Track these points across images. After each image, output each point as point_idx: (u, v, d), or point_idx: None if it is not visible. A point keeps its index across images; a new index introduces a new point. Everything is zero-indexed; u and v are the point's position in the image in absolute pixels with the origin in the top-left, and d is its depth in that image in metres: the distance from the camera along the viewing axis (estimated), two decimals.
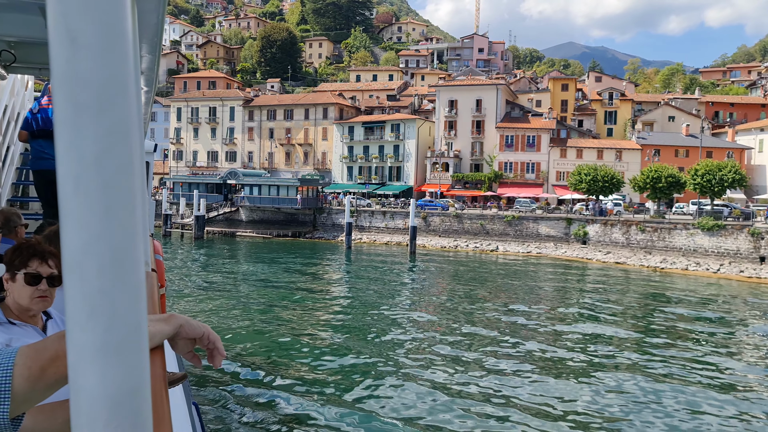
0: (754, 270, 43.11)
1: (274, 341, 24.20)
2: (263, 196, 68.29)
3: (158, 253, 6.11)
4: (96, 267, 0.74)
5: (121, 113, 0.72)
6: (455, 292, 37.48)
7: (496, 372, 19.89)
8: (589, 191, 56.84)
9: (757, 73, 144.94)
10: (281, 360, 21.32)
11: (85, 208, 0.71)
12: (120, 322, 0.76)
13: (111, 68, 0.71)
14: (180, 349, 1.79)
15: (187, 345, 1.78)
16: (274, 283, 39.89)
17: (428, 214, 63.52)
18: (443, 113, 80.00)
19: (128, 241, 0.75)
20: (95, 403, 0.75)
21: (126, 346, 0.77)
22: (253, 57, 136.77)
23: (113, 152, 0.72)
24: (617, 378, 19.83)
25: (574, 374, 19.95)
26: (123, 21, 0.71)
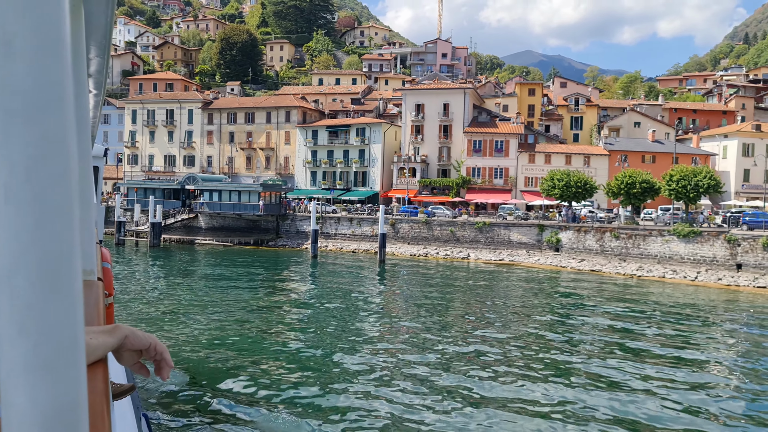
0: (732, 278, 42.25)
1: (232, 353, 22.99)
2: (224, 202, 65.18)
3: (106, 261, 5.72)
4: (27, 280, 0.71)
5: (57, 119, 0.70)
6: (425, 303, 35.48)
7: (466, 391, 18.89)
8: (561, 197, 55.62)
9: (712, 82, 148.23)
10: (238, 372, 20.49)
11: (16, 218, 0.70)
12: (53, 337, 0.73)
13: (46, 73, 0.69)
14: (125, 361, 1.75)
15: (132, 357, 1.74)
16: (235, 294, 37.25)
17: (397, 220, 61.45)
18: (410, 117, 78.19)
19: (63, 252, 0.73)
20: (26, 422, 0.73)
21: (59, 362, 0.74)
22: (212, 59, 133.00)
23: (47, 160, 0.70)
24: (591, 392, 18.92)
25: (545, 391, 18.97)
26: (61, 24, 0.69)
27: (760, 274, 42.00)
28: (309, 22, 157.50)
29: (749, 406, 18.37)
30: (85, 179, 3.32)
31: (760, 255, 42.57)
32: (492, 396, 18.38)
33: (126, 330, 1.72)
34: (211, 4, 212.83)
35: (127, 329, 1.72)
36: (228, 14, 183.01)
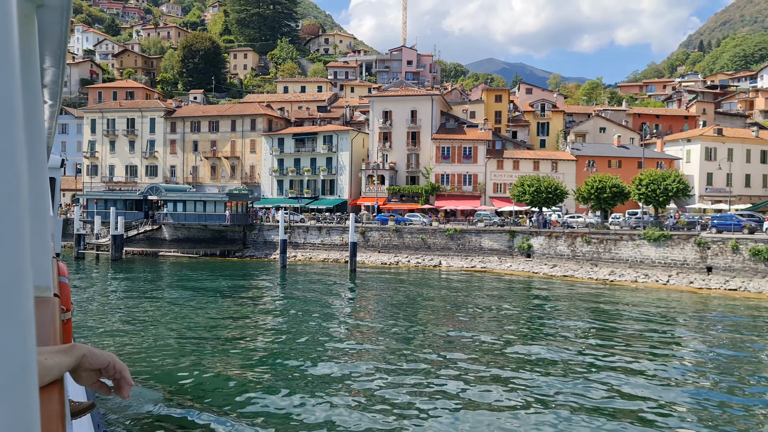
0: (703, 281, 42.39)
1: (198, 367, 22.26)
2: (188, 213, 63.39)
3: (63, 275, 5.61)
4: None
5: (3, 131, 0.67)
6: (397, 313, 34.72)
7: (438, 400, 18.60)
8: (532, 203, 55.45)
9: (671, 88, 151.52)
10: (205, 385, 19.96)
11: None
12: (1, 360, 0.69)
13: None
14: (84, 381, 1.73)
15: (91, 376, 1.73)
16: (201, 307, 35.90)
17: (367, 228, 60.53)
18: (377, 124, 77.50)
19: (12, 269, 0.69)
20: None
21: (9, 386, 0.69)
22: (174, 67, 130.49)
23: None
24: (560, 397, 18.95)
25: (513, 398, 18.89)
26: (8, 33, 0.66)
27: (730, 277, 42.23)
28: (273, 29, 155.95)
29: (715, 409, 18.28)
30: (39, 191, 3.09)
31: (729, 258, 42.84)
32: (461, 401, 18.53)
33: (83, 349, 1.67)
34: (172, 12, 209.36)
35: (85, 348, 1.68)
36: (189, 22, 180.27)
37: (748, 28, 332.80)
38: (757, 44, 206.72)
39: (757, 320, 32.59)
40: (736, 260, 42.58)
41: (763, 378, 22.08)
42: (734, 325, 31.46)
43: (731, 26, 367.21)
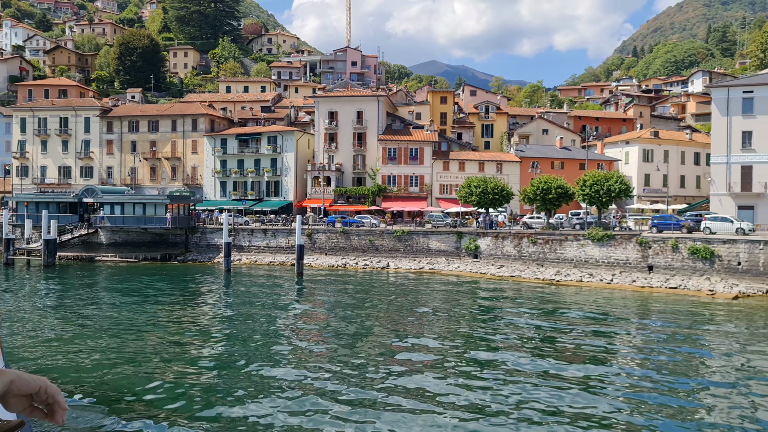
0: (645, 279, 43.34)
1: (138, 378, 21.53)
2: (127, 216, 60.98)
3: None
4: None
5: None
6: (345, 316, 34.27)
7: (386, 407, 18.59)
8: (479, 204, 55.69)
9: (608, 91, 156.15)
10: (144, 396, 19.37)
11: None
12: None
13: None
14: (13, 407, 1.65)
15: (21, 402, 1.64)
16: (140, 314, 34.45)
17: (313, 231, 59.57)
18: (323, 125, 76.57)
19: None
20: None
21: None
22: (110, 65, 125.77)
23: None
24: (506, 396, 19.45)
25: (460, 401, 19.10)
26: None
27: (670, 275, 43.36)
28: (214, 28, 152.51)
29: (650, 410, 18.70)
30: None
31: (669, 256, 43.98)
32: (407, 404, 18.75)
33: (11, 375, 1.58)
34: (108, 8, 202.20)
35: (13, 373, 1.59)
36: (126, 18, 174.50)
37: (678, 35, 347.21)
38: (686, 51, 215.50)
39: (695, 319, 33.43)
40: (675, 259, 43.75)
41: (698, 378, 22.56)
42: (672, 324, 32.17)
43: (662, 33, 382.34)
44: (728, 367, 23.91)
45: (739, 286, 39.74)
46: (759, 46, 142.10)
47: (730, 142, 51.37)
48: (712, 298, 38.62)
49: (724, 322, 32.05)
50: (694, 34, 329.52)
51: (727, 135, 51.50)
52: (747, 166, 51.02)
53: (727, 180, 51.65)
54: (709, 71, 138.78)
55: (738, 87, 51.47)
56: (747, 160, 50.92)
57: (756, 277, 40.38)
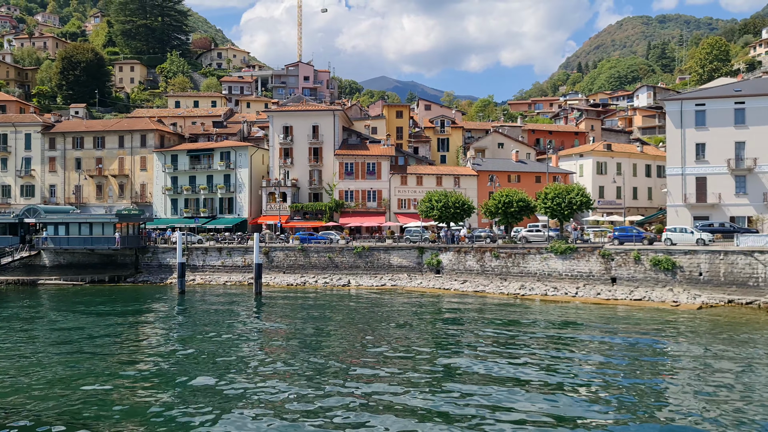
0: (609, 291, 43.27)
1: (82, 412, 19.98)
2: (72, 236, 57.86)
3: None
4: None
5: None
6: (306, 337, 33.16)
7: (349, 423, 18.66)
8: (440, 218, 54.99)
9: (557, 106, 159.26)
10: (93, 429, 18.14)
11: None
12: None
13: None
14: None
15: None
16: (87, 340, 32.29)
17: (270, 248, 57.75)
18: (278, 140, 74.92)
19: None
20: None
21: None
22: (53, 80, 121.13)
23: None
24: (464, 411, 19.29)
25: None
26: None
27: (634, 287, 43.40)
28: (162, 42, 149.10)
29: None
30: None
31: (632, 268, 44.07)
32: None
33: None
34: (48, 21, 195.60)
35: None
36: (69, 32, 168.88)
37: (619, 51, 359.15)
38: (629, 66, 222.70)
39: (661, 329, 33.27)
40: (638, 270, 43.85)
41: (666, 382, 22.43)
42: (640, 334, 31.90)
43: (604, 50, 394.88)
44: (695, 372, 23.83)
45: (701, 297, 39.99)
46: (698, 62, 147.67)
47: (685, 153, 52.24)
48: (677, 309, 38.69)
49: (690, 332, 31.96)
50: (634, 50, 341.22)
51: (682, 147, 52.36)
52: (701, 177, 51.91)
53: (683, 191, 52.41)
54: (653, 86, 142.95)
55: (691, 100, 52.47)
56: (701, 172, 51.81)
57: (717, 287, 40.74)
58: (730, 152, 51.20)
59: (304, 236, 60.53)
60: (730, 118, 51.20)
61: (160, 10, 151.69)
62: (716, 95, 52.40)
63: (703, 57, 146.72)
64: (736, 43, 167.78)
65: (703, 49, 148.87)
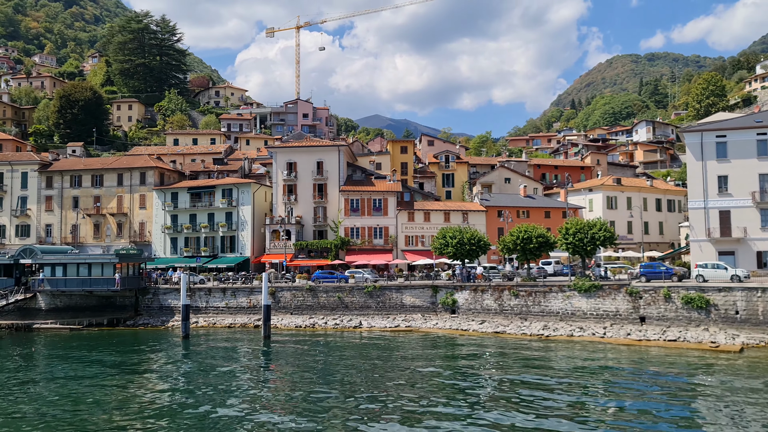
0: (640, 332, 40.98)
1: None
2: (70, 278, 55.34)
3: None
4: None
5: None
6: (324, 384, 30.61)
7: None
8: (455, 255, 52.88)
9: (556, 141, 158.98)
10: None
11: None
12: None
13: None
14: None
15: None
16: (85, 393, 29.77)
17: (277, 288, 55.34)
18: (281, 176, 73.14)
19: None
20: None
21: None
22: (50, 118, 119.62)
23: None
24: None
25: None
26: None
27: (665, 326, 41.18)
28: (159, 81, 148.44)
29: None
30: None
31: (662, 306, 41.91)
32: None
33: None
34: (46, 62, 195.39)
35: None
36: (66, 72, 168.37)
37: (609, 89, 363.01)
38: (623, 103, 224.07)
39: (706, 373, 31.02)
40: (669, 309, 41.69)
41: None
42: (685, 379, 29.64)
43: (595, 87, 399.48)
44: None
45: (740, 337, 37.78)
46: (695, 97, 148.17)
47: (707, 186, 50.61)
48: (716, 350, 36.44)
49: (740, 376, 29.72)
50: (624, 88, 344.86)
51: (703, 180, 50.77)
52: (725, 211, 50.19)
53: (706, 225, 50.63)
54: (652, 121, 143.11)
55: (711, 131, 51.10)
56: (725, 205, 50.14)
57: (756, 326, 38.56)
58: (754, 185, 49.61)
59: (323, 275, 57.90)
60: (753, 149, 49.78)
61: (158, 49, 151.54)
62: (737, 126, 51.07)
63: (700, 92, 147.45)
64: (730, 79, 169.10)
65: (699, 85, 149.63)
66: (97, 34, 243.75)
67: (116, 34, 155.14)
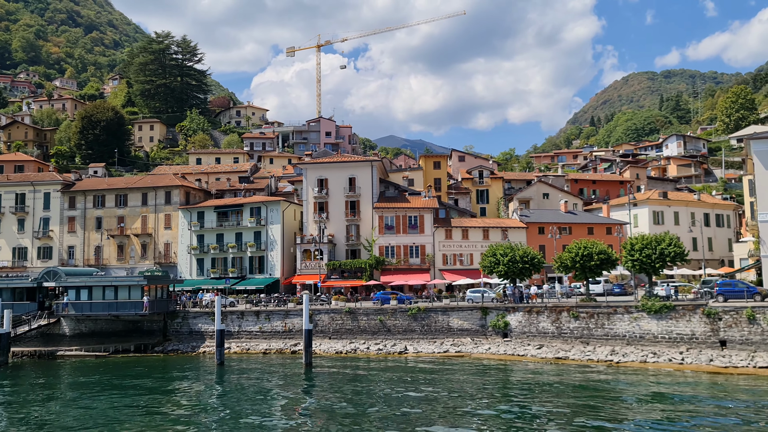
0: (723, 357, 37.00)
1: None
2: (95, 302, 52.31)
3: None
4: None
5: None
6: (383, 422, 26.76)
7: None
8: (506, 274, 49.25)
9: (583, 157, 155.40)
10: None
11: None
12: None
13: None
14: None
15: None
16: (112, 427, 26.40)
17: (314, 311, 51.96)
18: (312, 194, 70.14)
19: None
20: None
21: None
22: (72, 139, 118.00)
23: None
24: None
25: None
26: None
27: (750, 351, 37.21)
28: (180, 102, 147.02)
29: None
30: None
31: (745, 329, 37.96)
32: None
33: None
34: (66, 86, 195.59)
35: None
36: (87, 94, 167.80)
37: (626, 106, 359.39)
38: (646, 119, 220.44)
39: None
40: (753, 332, 37.72)
41: None
42: None
43: (611, 105, 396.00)
44: None
45: None
46: (724, 111, 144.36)
47: None
48: None
49: None
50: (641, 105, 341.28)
51: None
52: None
53: None
54: (683, 135, 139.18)
55: None
56: None
57: None
58: None
59: (386, 296, 54.45)
60: None
61: (179, 70, 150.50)
62: None
63: (729, 106, 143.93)
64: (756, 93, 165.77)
65: (728, 98, 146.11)
66: (116, 59, 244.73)
67: (137, 55, 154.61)
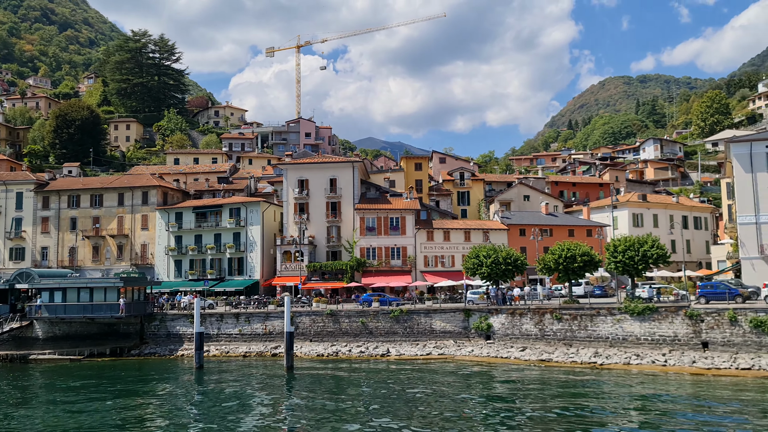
0: (706, 359, 37.07)
1: None
2: (70, 304, 50.99)
3: None
4: None
5: None
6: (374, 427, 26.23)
7: None
8: (490, 276, 49.02)
9: (561, 160, 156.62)
10: None
11: None
12: None
13: None
14: None
15: None
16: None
17: (295, 314, 51.23)
18: (292, 195, 69.34)
19: None
20: None
21: None
22: (45, 138, 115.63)
23: None
24: None
25: None
26: None
27: (733, 353, 37.35)
28: (157, 101, 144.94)
29: None
30: None
31: (728, 331, 38.12)
32: None
33: None
34: (40, 84, 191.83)
35: None
36: (62, 93, 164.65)
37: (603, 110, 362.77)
38: (623, 122, 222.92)
39: None
40: (735, 333, 37.89)
41: None
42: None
43: (588, 108, 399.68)
44: None
45: None
46: (699, 116, 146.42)
47: (758, 200, 47.22)
48: None
49: None
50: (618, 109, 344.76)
51: (754, 193, 47.40)
52: None
53: (759, 242, 47.14)
54: (660, 138, 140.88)
55: (761, 141, 47.86)
56: None
57: None
58: None
59: (367, 297, 53.84)
60: None
61: (156, 69, 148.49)
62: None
63: (704, 110, 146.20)
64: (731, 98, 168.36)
65: (703, 103, 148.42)
66: (92, 57, 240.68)
67: (113, 53, 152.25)
